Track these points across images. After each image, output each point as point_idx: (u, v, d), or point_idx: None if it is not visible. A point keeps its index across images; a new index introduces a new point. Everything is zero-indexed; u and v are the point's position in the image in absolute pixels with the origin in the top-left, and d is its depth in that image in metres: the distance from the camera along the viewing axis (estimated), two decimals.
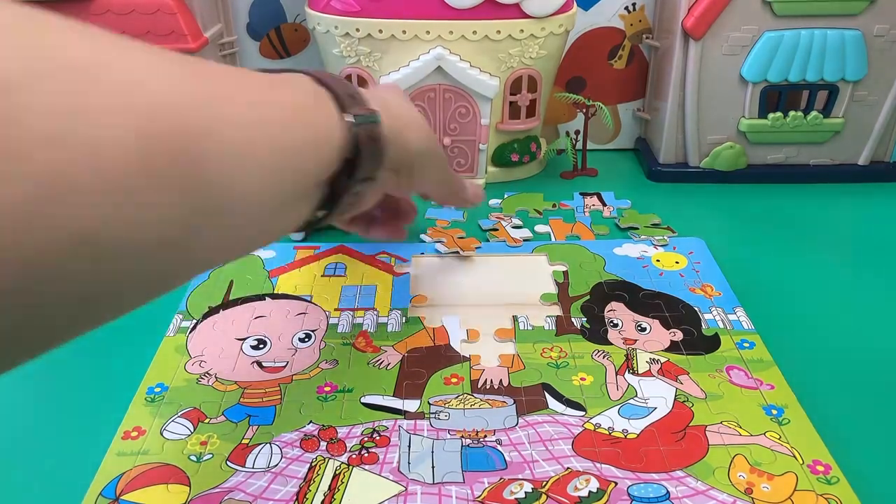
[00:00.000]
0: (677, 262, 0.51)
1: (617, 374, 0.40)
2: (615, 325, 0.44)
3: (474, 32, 0.57)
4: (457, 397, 0.39)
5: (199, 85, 0.24)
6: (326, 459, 0.35)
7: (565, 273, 0.50)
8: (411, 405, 0.38)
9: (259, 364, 0.41)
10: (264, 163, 0.26)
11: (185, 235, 0.23)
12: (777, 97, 0.62)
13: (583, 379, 0.40)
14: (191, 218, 0.23)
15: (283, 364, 0.41)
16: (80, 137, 0.19)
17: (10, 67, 0.19)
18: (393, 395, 0.39)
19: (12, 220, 0.18)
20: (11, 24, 0.20)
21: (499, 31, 0.57)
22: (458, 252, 0.52)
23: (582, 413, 0.38)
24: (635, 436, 0.36)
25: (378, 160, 0.34)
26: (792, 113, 0.61)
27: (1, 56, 0.19)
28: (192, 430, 0.37)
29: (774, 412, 0.37)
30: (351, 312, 0.46)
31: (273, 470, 0.34)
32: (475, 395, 0.39)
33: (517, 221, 0.57)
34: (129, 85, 0.22)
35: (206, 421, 0.37)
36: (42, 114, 0.19)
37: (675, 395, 0.39)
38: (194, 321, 0.45)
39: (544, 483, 0.33)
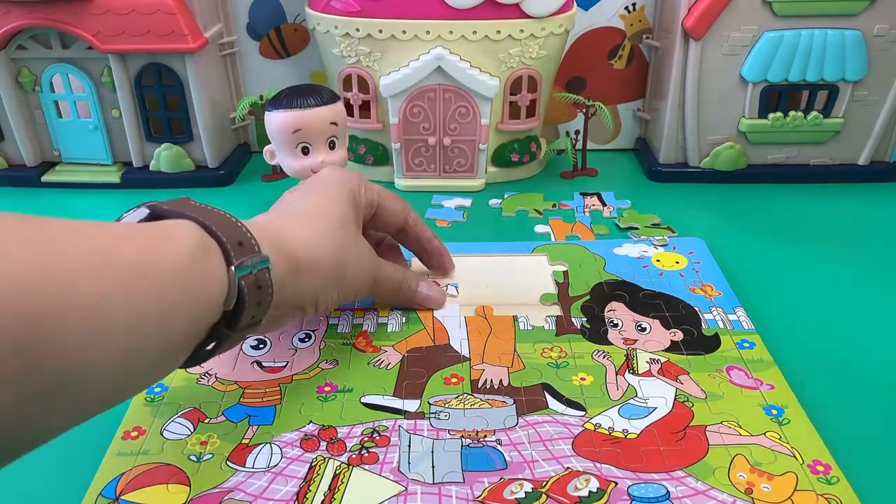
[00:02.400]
0: (677, 262, 0.51)
1: (617, 374, 0.40)
2: (615, 325, 0.44)
3: (474, 32, 0.57)
4: (457, 397, 0.39)
5: (52, 255, 0.24)
6: (326, 459, 0.35)
7: (565, 273, 0.50)
8: (411, 405, 0.38)
9: (259, 364, 0.41)
10: (122, 337, 0.25)
11: (20, 418, 0.23)
12: (777, 97, 0.62)
13: (583, 379, 0.40)
14: (29, 405, 0.23)
15: (283, 364, 0.41)
16: None
17: None
18: (393, 395, 0.39)
19: None
20: None
21: (499, 31, 0.57)
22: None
23: (582, 413, 0.38)
24: (635, 436, 0.36)
25: (264, 308, 0.32)
26: (792, 113, 0.61)
27: None
28: (192, 430, 0.37)
29: (774, 412, 0.37)
30: (351, 312, 0.46)
31: (273, 470, 0.34)
32: (475, 395, 0.39)
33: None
34: None
35: (206, 421, 0.37)
36: None
37: (676, 395, 0.39)
38: None
39: (544, 483, 0.33)
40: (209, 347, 0.32)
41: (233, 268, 0.30)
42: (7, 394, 0.22)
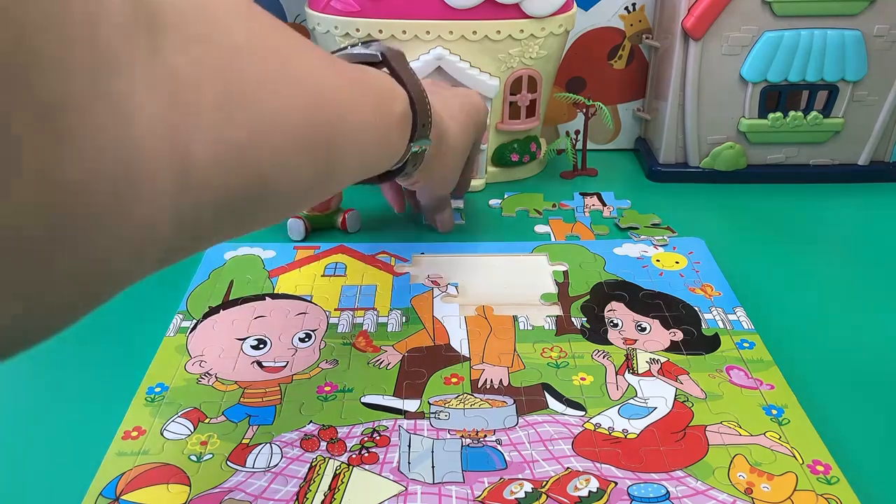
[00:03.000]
0: (677, 262, 0.51)
1: (617, 373, 0.40)
2: (615, 325, 0.44)
3: (474, 32, 0.57)
4: (457, 397, 0.39)
5: (341, 89, 0.32)
6: (326, 459, 0.35)
7: (565, 273, 0.50)
8: (411, 405, 0.38)
9: (259, 364, 0.41)
10: (363, 151, 0.35)
11: (314, 184, 0.31)
12: (777, 97, 0.62)
13: (583, 379, 0.40)
14: (318, 174, 0.31)
15: (284, 364, 0.41)
16: (272, 104, 0.25)
17: (240, 40, 0.24)
18: (393, 395, 0.39)
19: (225, 159, 0.22)
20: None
21: (499, 31, 0.57)
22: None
23: (582, 413, 0.38)
24: (635, 436, 0.36)
25: (414, 169, 0.43)
26: (792, 113, 0.61)
27: (237, 30, 0.24)
28: (192, 430, 0.37)
29: (774, 412, 0.37)
30: (351, 312, 0.46)
31: (273, 470, 0.34)
32: (475, 394, 0.39)
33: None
34: (303, 72, 0.28)
35: (206, 421, 0.37)
36: (255, 80, 0.24)
37: (675, 395, 0.39)
38: (194, 321, 0.45)
39: (544, 483, 0.33)
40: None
41: (411, 143, 0.40)
42: (307, 177, 0.30)
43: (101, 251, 0.18)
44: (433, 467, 0.34)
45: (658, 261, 0.51)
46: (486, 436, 0.36)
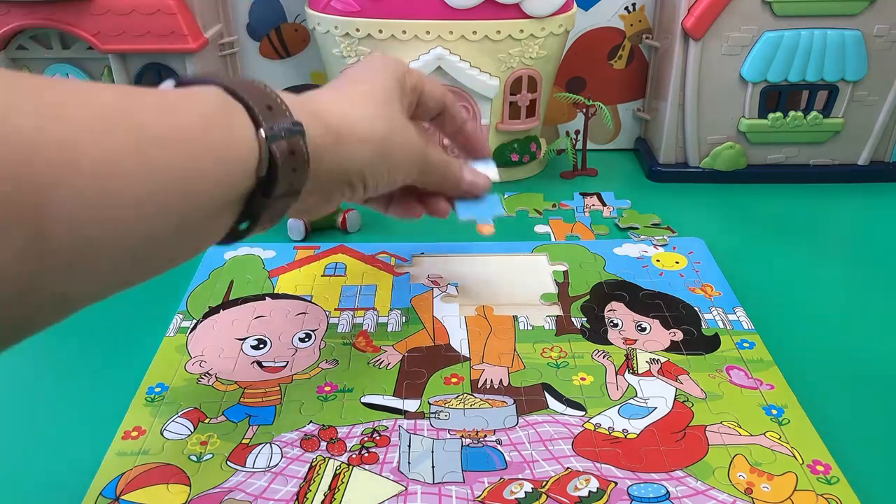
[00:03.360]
0: (677, 262, 0.51)
1: (617, 373, 0.40)
2: (615, 325, 0.44)
3: (474, 32, 0.57)
4: (457, 397, 0.39)
5: (60, 118, 0.22)
6: (326, 459, 0.35)
7: (565, 273, 0.50)
8: (411, 405, 0.38)
9: (259, 364, 0.41)
10: (133, 199, 0.24)
11: (37, 287, 0.22)
12: (777, 97, 0.62)
13: (583, 379, 0.40)
14: (41, 272, 0.22)
15: (283, 364, 0.41)
16: None
17: None
18: (393, 395, 0.39)
19: None
20: None
21: (499, 31, 0.57)
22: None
23: (582, 413, 0.38)
24: (635, 436, 0.36)
25: (301, 176, 0.31)
26: (792, 113, 0.61)
27: None
28: (192, 429, 0.37)
29: (774, 412, 0.37)
30: (351, 312, 0.46)
31: (273, 470, 0.34)
32: (475, 394, 0.39)
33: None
34: None
35: (207, 421, 0.37)
36: None
37: (675, 395, 0.39)
38: (194, 321, 0.45)
39: (544, 483, 0.33)
40: (245, 225, 0.31)
41: (262, 131, 0.29)
42: (16, 262, 0.21)
43: None
44: (433, 467, 0.34)
45: (658, 261, 0.51)
46: (486, 436, 0.36)
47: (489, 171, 0.44)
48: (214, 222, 0.29)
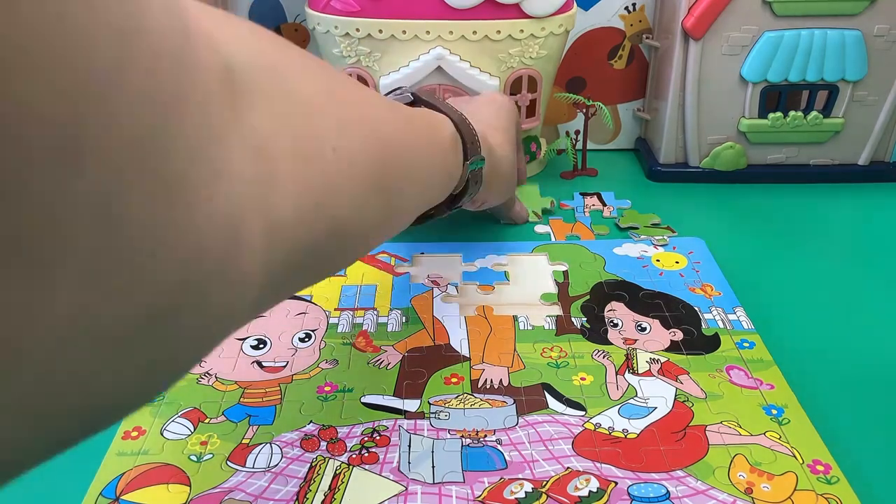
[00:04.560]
0: (677, 262, 0.51)
1: (617, 373, 0.40)
2: (615, 325, 0.44)
3: (474, 32, 0.57)
4: (457, 397, 0.39)
5: (400, 129, 0.32)
6: (326, 459, 0.35)
7: (565, 273, 0.50)
8: (411, 405, 0.38)
9: (259, 364, 0.41)
10: (419, 191, 0.35)
11: (385, 223, 0.31)
12: (777, 97, 0.62)
13: (583, 379, 0.40)
14: (381, 216, 0.30)
15: (283, 364, 0.41)
16: (345, 150, 0.25)
17: (309, 92, 0.25)
18: (393, 395, 0.39)
19: (306, 211, 0.22)
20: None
21: (499, 31, 0.57)
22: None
23: (582, 413, 0.38)
24: (635, 435, 0.36)
25: (473, 193, 0.42)
26: (792, 113, 0.61)
27: (306, 84, 0.25)
28: (192, 429, 0.37)
29: (774, 412, 0.37)
30: (351, 312, 0.46)
31: (273, 470, 0.34)
32: (475, 394, 0.39)
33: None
34: (369, 118, 0.29)
35: (206, 421, 0.37)
36: (327, 129, 0.25)
37: (675, 395, 0.39)
38: None
39: (544, 483, 0.33)
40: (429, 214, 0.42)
41: (468, 162, 0.40)
42: (381, 218, 0.30)
43: (206, 319, 0.18)
44: (433, 467, 0.34)
45: (658, 261, 0.51)
46: (486, 436, 0.36)
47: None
48: (419, 213, 0.38)
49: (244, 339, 0.43)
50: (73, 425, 0.16)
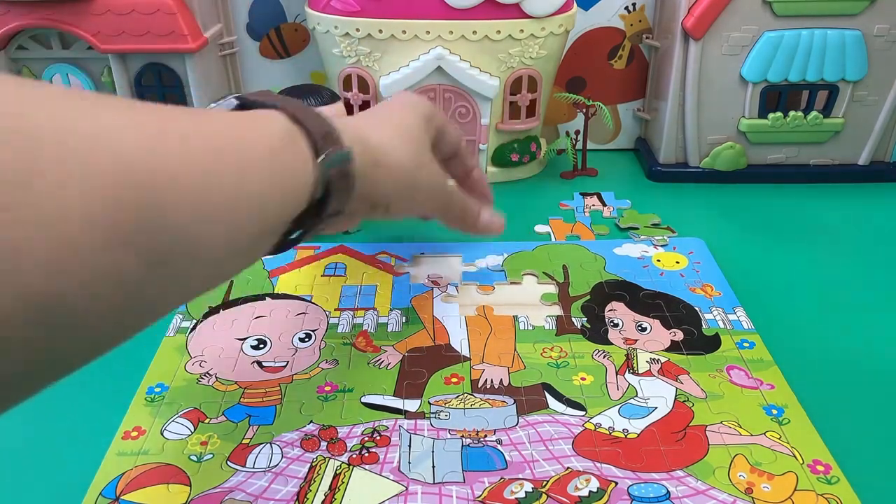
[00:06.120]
0: (677, 262, 0.51)
1: (617, 373, 0.40)
2: (615, 325, 0.44)
3: (474, 32, 0.57)
4: (457, 397, 0.39)
5: (160, 136, 0.24)
6: (327, 459, 0.35)
7: (565, 273, 0.50)
8: (411, 405, 0.38)
9: (259, 364, 0.41)
10: (223, 211, 0.26)
11: (139, 291, 0.23)
12: (777, 97, 0.62)
13: (583, 379, 0.40)
14: (146, 274, 0.23)
15: (284, 364, 0.41)
16: (33, 209, 0.19)
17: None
18: (393, 395, 0.39)
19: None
20: None
21: (499, 31, 0.57)
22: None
23: (582, 413, 0.38)
24: (635, 436, 0.36)
25: (347, 196, 0.33)
26: (792, 113, 0.61)
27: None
28: (192, 430, 0.37)
29: (774, 412, 0.37)
30: (351, 312, 0.46)
31: (273, 470, 0.34)
32: (475, 394, 0.39)
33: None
34: (91, 149, 0.21)
35: (207, 421, 0.37)
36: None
37: (676, 395, 0.39)
38: (194, 321, 0.45)
39: (544, 483, 0.33)
40: (294, 236, 0.33)
41: (320, 158, 0.31)
42: (131, 257, 0.22)
43: None
44: (433, 467, 0.34)
45: (658, 261, 0.51)
46: (486, 436, 0.36)
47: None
48: (270, 239, 0.31)
49: (244, 339, 0.43)
50: None
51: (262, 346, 0.43)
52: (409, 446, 0.36)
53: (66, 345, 0.21)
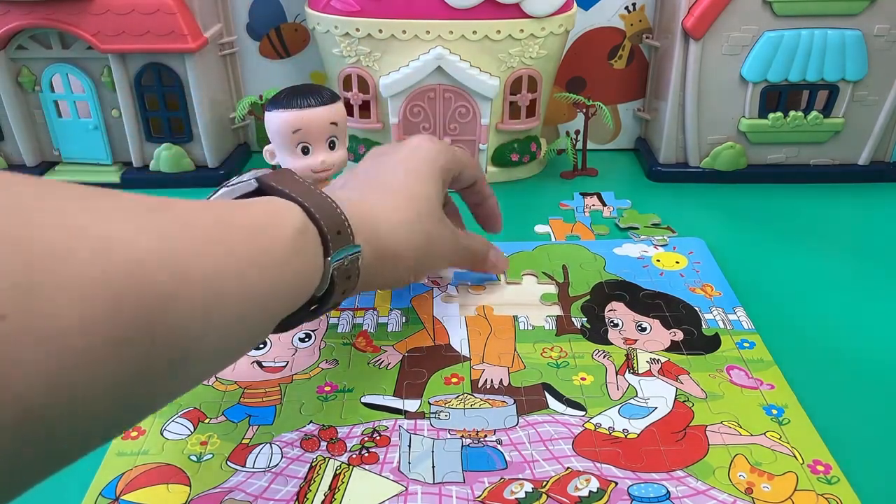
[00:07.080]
0: (677, 262, 0.51)
1: (617, 373, 0.40)
2: (615, 325, 0.44)
3: (474, 32, 0.57)
4: (457, 397, 0.39)
5: (172, 241, 0.24)
6: (327, 459, 0.35)
7: (565, 273, 0.50)
8: (411, 405, 0.38)
9: (259, 364, 0.41)
10: (231, 317, 0.26)
11: (140, 392, 0.23)
12: (777, 97, 0.62)
13: (583, 379, 0.40)
14: (148, 374, 0.22)
15: (283, 364, 0.41)
16: (32, 316, 0.18)
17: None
18: (393, 395, 0.39)
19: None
20: None
21: (499, 31, 0.57)
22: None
23: (582, 413, 0.38)
24: (635, 436, 0.36)
25: (348, 292, 0.34)
26: (792, 113, 0.61)
27: None
28: (192, 429, 0.37)
29: (774, 412, 0.37)
30: (351, 312, 0.46)
31: (273, 470, 0.34)
32: (475, 394, 0.39)
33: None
34: (95, 252, 0.21)
35: (207, 421, 0.37)
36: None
37: (676, 395, 0.39)
38: None
39: (544, 483, 0.33)
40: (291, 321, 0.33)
41: (329, 259, 0.32)
42: (131, 370, 0.22)
43: None
44: (433, 467, 0.34)
45: (658, 261, 0.51)
46: (486, 436, 0.36)
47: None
48: (272, 326, 0.31)
49: None
50: None
51: (261, 345, 0.43)
52: (409, 446, 0.36)
53: (60, 444, 0.21)
